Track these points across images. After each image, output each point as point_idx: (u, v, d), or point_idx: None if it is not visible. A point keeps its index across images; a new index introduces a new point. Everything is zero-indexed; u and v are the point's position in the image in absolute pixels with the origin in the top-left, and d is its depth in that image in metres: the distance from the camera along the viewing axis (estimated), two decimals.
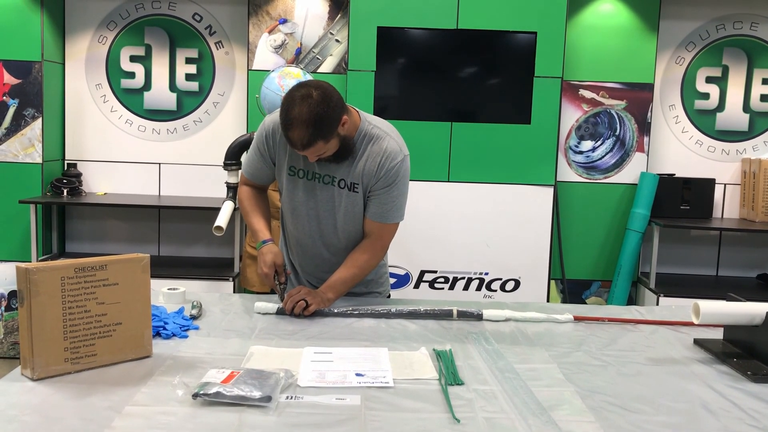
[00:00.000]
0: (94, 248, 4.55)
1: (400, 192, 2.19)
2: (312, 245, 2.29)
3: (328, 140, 2.00)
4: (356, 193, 2.17)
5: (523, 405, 1.43)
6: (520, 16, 3.94)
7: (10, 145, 4.25)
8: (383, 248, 2.27)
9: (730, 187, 4.57)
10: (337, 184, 2.17)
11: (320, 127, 1.95)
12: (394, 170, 2.14)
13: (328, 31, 4.38)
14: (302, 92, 1.96)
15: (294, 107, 1.95)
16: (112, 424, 1.29)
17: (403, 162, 2.17)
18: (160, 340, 1.78)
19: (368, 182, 2.16)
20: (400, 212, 2.24)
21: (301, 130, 1.94)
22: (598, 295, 4.55)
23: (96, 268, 1.55)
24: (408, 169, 2.20)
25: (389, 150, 2.14)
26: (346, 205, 2.19)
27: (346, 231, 2.23)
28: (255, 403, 1.37)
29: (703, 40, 4.48)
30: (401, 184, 2.18)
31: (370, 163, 2.14)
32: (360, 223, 2.23)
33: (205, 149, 4.50)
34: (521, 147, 4.00)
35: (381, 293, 2.44)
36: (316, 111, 1.94)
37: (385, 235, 2.24)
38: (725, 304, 1.79)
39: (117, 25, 4.44)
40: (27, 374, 1.49)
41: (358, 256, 2.22)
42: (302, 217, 2.24)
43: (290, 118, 1.95)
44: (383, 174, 2.14)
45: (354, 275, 2.21)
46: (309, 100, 1.94)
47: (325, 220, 2.22)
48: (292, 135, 1.97)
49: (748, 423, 1.40)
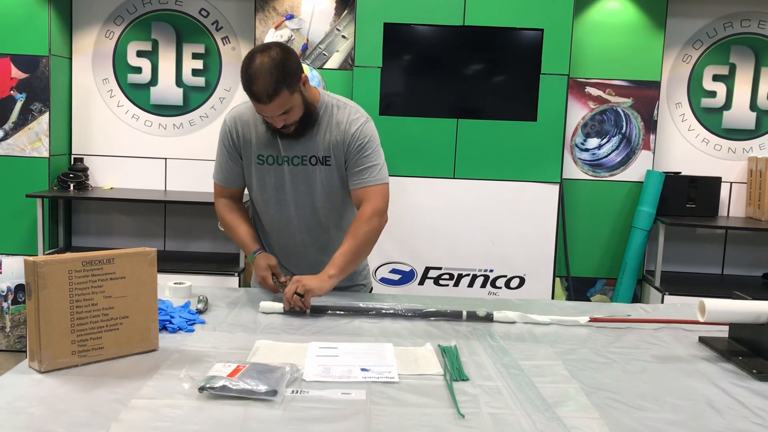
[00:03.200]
0: (100, 242, 4.57)
1: (373, 151, 2.19)
2: (291, 233, 2.27)
3: (293, 91, 2.01)
4: (329, 166, 2.19)
5: (528, 401, 1.43)
6: (527, 13, 3.93)
7: (17, 139, 4.26)
8: (376, 213, 2.17)
9: (736, 185, 4.55)
10: (308, 161, 2.18)
11: (284, 73, 1.97)
12: (360, 131, 2.17)
13: (335, 27, 4.38)
14: (260, 48, 2.01)
15: (255, 60, 1.98)
16: (119, 417, 1.29)
17: (366, 123, 2.20)
18: (167, 333, 1.79)
19: (339, 154, 2.18)
20: (381, 173, 2.21)
21: (265, 79, 1.95)
22: (602, 293, 4.55)
23: (103, 262, 1.55)
24: (374, 130, 2.22)
25: (350, 116, 2.18)
26: (322, 180, 2.19)
27: (324, 209, 2.24)
28: (261, 396, 1.38)
29: (711, 38, 4.47)
30: (372, 144, 2.19)
31: (336, 132, 2.16)
32: (338, 199, 2.24)
33: (212, 145, 4.46)
34: (527, 144, 4.00)
35: (365, 285, 2.45)
36: (278, 59, 1.97)
37: (374, 199, 2.18)
38: (731, 302, 1.78)
39: (124, 20, 4.45)
40: (34, 367, 1.50)
41: (352, 226, 2.18)
42: (278, 205, 2.23)
43: (252, 70, 1.97)
44: (350, 140, 2.16)
45: (352, 246, 2.14)
46: (269, 51, 1.98)
47: (301, 203, 2.22)
48: (256, 87, 1.97)
49: (753, 421, 1.40)
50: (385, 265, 4.07)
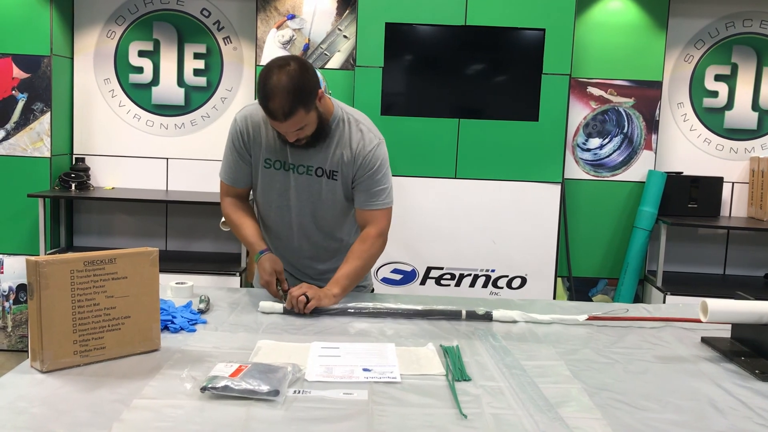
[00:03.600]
0: (102, 242, 4.57)
1: (383, 176, 2.20)
2: (289, 238, 2.28)
3: (308, 110, 2.00)
4: (335, 180, 2.18)
5: (531, 401, 1.43)
6: (529, 13, 3.93)
7: (19, 139, 4.26)
8: (379, 236, 2.22)
9: (738, 185, 4.55)
10: (314, 173, 2.18)
11: (300, 93, 1.95)
12: (372, 155, 2.16)
13: (336, 27, 4.38)
14: (279, 63, 1.98)
15: (272, 77, 1.95)
16: (121, 417, 1.29)
17: (379, 146, 2.19)
18: (168, 333, 1.79)
19: (348, 171, 2.17)
20: (389, 196, 2.23)
21: (282, 98, 1.93)
22: (604, 293, 4.54)
23: (105, 262, 1.55)
24: (386, 153, 2.22)
25: (364, 136, 2.17)
26: (326, 192, 2.19)
27: (324, 219, 2.24)
28: (263, 396, 1.38)
29: (713, 37, 4.46)
30: (382, 168, 2.19)
31: (347, 150, 2.16)
32: (339, 212, 2.24)
33: (213, 144, 4.50)
34: (529, 144, 3.99)
35: (366, 287, 2.46)
36: (296, 78, 1.95)
37: (378, 222, 2.21)
38: (733, 302, 1.78)
39: (125, 20, 4.45)
40: (36, 366, 1.49)
41: (356, 247, 2.20)
42: (280, 210, 2.24)
43: (270, 87, 1.94)
44: (362, 161, 2.15)
45: (357, 267, 2.18)
46: (287, 68, 1.95)
47: (302, 210, 2.22)
48: (273, 105, 1.95)
49: (755, 421, 1.39)
50: (387, 265, 4.07)
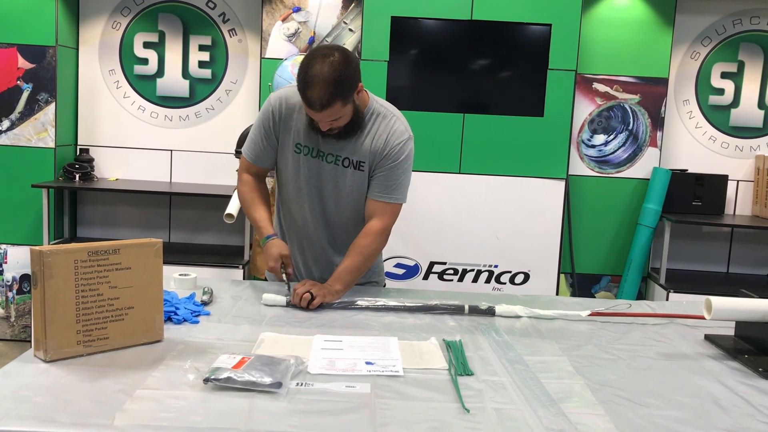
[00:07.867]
0: (105, 233, 4.58)
1: (404, 171, 2.18)
2: (307, 225, 2.26)
3: (346, 103, 1.98)
4: (362, 171, 2.17)
5: (533, 396, 1.43)
6: (535, 8, 3.92)
7: (24, 129, 4.27)
8: (384, 231, 2.21)
9: (743, 183, 4.54)
10: (342, 163, 2.16)
11: (341, 86, 1.93)
12: (400, 148, 2.15)
13: (342, 20, 4.37)
14: (323, 52, 1.95)
15: (314, 65, 1.92)
16: (124, 407, 1.30)
17: (408, 141, 2.18)
18: (172, 325, 1.79)
19: (373, 160, 2.16)
20: (404, 193, 2.22)
21: (322, 88, 1.91)
22: (607, 290, 4.54)
23: (109, 252, 1.55)
24: (412, 150, 2.21)
25: (396, 129, 2.16)
26: (351, 184, 2.18)
27: (347, 210, 2.22)
28: (265, 388, 1.38)
29: (719, 35, 4.44)
30: (405, 163, 2.18)
31: (377, 140, 2.15)
32: (362, 205, 2.22)
33: (217, 137, 4.50)
34: (533, 140, 3.98)
35: (378, 282, 2.45)
36: (338, 70, 1.92)
37: (384, 216, 2.19)
38: (737, 300, 1.78)
39: (131, 11, 4.44)
40: (40, 356, 1.50)
41: (360, 241, 2.19)
42: (307, 197, 2.22)
43: (311, 76, 1.91)
44: (388, 151, 2.14)
45: (359, 262, 2.17)
46: (330, 58, 1.92)
47: (326, 199, 2.21)
48: (311, 93, 1.92)
49: (759, 419, 1.39)
50: (390, 260, 4.07)
